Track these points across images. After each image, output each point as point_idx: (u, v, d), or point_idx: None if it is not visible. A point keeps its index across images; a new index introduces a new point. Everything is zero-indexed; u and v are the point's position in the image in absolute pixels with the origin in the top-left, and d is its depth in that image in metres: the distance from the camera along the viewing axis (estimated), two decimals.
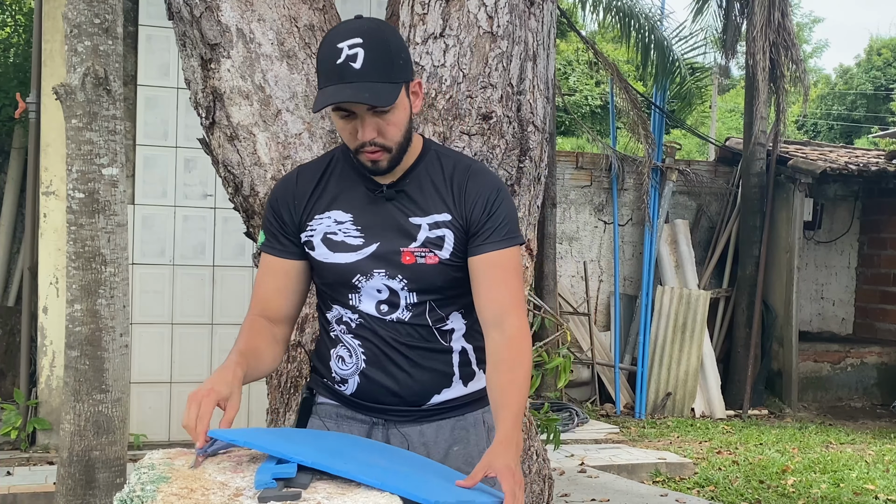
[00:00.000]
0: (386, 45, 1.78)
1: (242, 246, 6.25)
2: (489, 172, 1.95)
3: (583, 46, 14.35)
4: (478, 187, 1.87)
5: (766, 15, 8.25)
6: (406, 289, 1.86)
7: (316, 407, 2.00)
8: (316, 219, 1.91)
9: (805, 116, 24.03)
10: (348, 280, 1.88)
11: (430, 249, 1.85)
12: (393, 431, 1.93)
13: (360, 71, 1.73)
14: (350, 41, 1.74)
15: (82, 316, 3.45)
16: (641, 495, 5.61)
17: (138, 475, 1.59)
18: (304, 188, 1.93)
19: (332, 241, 1.88)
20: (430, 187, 1.88)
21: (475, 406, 1.97)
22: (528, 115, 2.46)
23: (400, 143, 1.82)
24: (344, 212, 1.89)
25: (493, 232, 1.85)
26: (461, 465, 1.90)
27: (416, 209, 1.87)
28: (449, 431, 1.93)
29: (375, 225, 1.87)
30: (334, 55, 1.75)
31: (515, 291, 1.86)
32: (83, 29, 3.40)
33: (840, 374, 9.52)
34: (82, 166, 3.43)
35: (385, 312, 1.88)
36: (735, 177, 9.42)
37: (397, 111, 1.79)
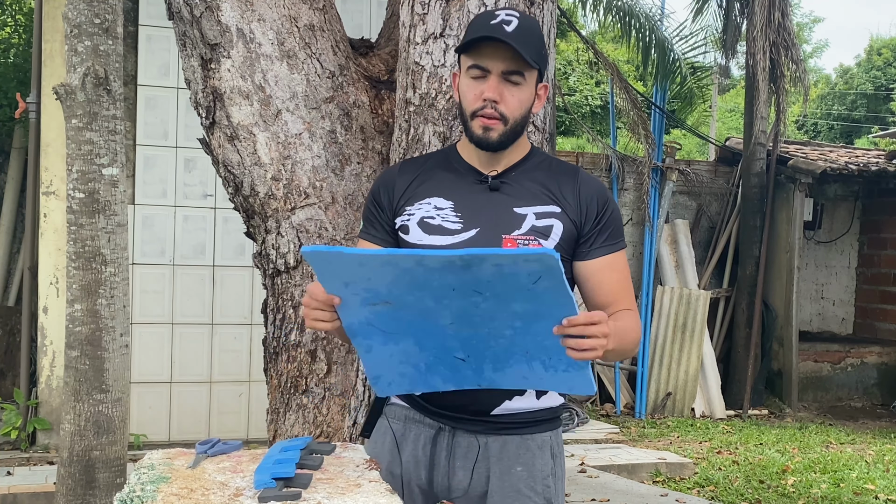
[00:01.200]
0: (537, 30, 1.88)
1: (242, 246, 6.25)
2: (596, 179, 1.98)
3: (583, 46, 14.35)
4: (590, 190, 1.90)
5: (766, 15, 8.25)
6: None
7: (386, 408, 1.99)
8: (416, 204, 1.91)
9: (805, 116, 24.04)
10: None
11: (534, 238, 1.84)
12: (458, 439, 1.90)
13: (511, 33, 1.80)
14: (508, 11, 1.85)
15: (82, 316, 3.46)
16: (641, 495, 5.61)
17: (138, 475, 1.59)
18: (407, 176, 1.96)
19: (429, 224, 1.88)
20: (536, 182, 1.90)
21: (545, 427, 1.93)
22: None
23: (516, 120, 1.86)
24: (445, 199, 1.90)
25: (608, 236, 1.88)
26: (522, 488, 1.88)
27: (522, 199, 1.87)
28: (514, 449, 1.89)
29: (477, 212, 1.87)
30: (490, 17, 1.84)
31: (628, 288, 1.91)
32: (83, 29, 3.40)
33: (840, 374, 9.52)
34: (82, 166, 3.43)
35: None
36: (735, 177, 9.42)
37: (525, 89, 1.85)
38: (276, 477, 1.50)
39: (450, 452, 1.90)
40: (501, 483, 1.88)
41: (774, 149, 8.91)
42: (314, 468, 1.60)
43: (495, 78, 1.82)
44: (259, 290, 5.37)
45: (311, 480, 1.53)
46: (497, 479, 1.88)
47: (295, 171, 2.45)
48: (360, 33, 3.27)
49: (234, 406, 6.37)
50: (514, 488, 1.88)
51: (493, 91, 1.82)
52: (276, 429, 2.56)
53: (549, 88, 1.96)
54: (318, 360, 2.46)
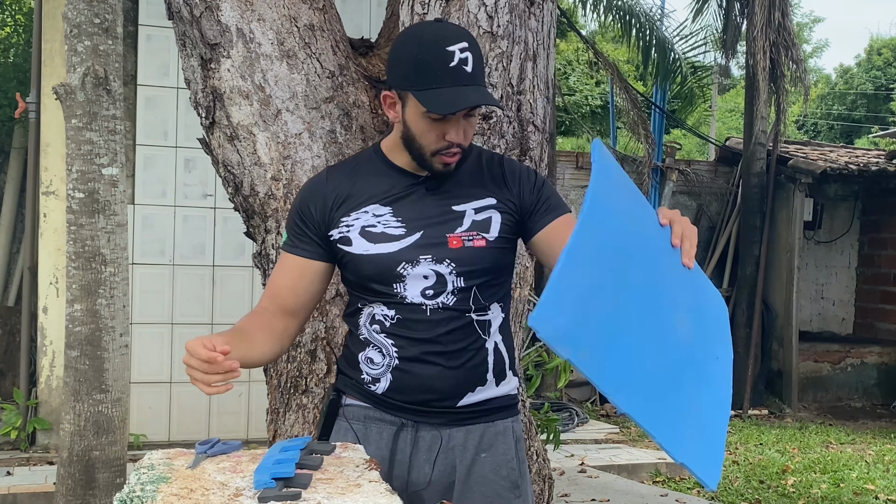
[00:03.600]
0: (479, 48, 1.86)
1: (242, 246, 6.25)
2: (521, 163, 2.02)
3: (583, 46, 14.35)
4: (515, 170, 1.95)
5: (766, 15, 8.25)
6: (454, 272, 1.86)
7: (343, 409, 1.99)
8: (352, 215, 1.90)
9: (805, 116, 24.03)
10: (392, 269, 1.86)
11: (477, 233, 1.87)
12: (422, 433, 1.92)
13: (472, 74, 1.79)
14: (459, 45, 1.80)
15: (82, 316, 3.46)
16: (641, 495, 5.61)
17: (138, 475, 1.59)
18: (336, 186, 1.93)
19: (372, 233, 1.88)
20: (468, 177, 1.92)
21: (505, 413, 1.97)
22: (528, 115, 2.46)
23: (471, 144, 1.91)
24: (381, 205, 1.89)
25: (550, 201, 1.91)
26: (488, 473, 1.92)
27: (458, 197, 1.89)
28: (478, 437, 1.93)
29: (417, 215, 1.88)
30: (446, 57, 1.78)
31: None
32: (83, 29, 3.40)
33: (840, 374, 9.52)
34: (82, 166, 3.43)
35: (430, 297, 1.86)
36: (735, 177, 9.42)
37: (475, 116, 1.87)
38: (275, 477, 1.50)
39: (413, 447, 1.92)
40: (468, 472, 1.92)
41: (774, 149, 8.91)
42: (314, 468, 1.59)
43: (460, 119, 1.82)
44: (259, 290, 5.37)
45: (311, 480, 1.53)
46: (464, 469, 1.91)
47: (295, 171, 2.45)
48: (360, 33, 3.27)
49: (234, 406, 6.36)
50: (479, 475, 1.92)
51: (459, 134, 1.83)
52: (276, 429, 2.56)
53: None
54: (318, 360, 2.46)
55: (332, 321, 2.44)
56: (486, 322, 1.91)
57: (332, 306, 2.45)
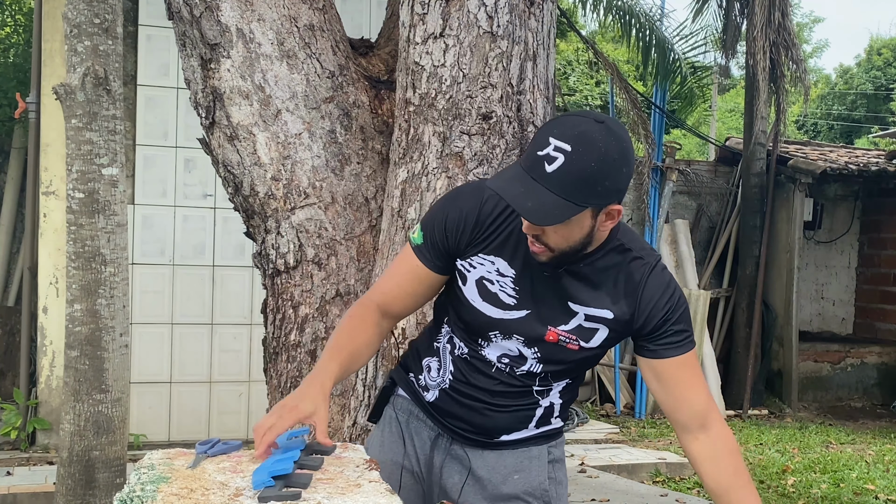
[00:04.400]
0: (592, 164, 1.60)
1: (242, 246, 6.25)
2: (666, 273, 1.83)
3: (583, 46, 14.35)
4: (655, 293, 1.80)
5: (766, 15, 8.25)
6: (537, 359, 1.85)
7: (394, 398, 2.02)
8: (480, 256, 1.82)
9: (805, 116, 24.03)
10: (485, 331, 1.85)
11: (576, 338, 1.82)
12: (455, 448, 1.94)
13: (549, 175, 1.60)
14: (560, 143, 1.60)
15: (82, 316, 3.46)
16: (641, 495, 5.61)
17: (138, 475, 1.59)
18: (485, 219, 1.81)
19: (486, 289, 1.82)
20: (600, 280, 1.79)
21: (542, 441, 1.97)
22: (528, 115, 2.46)
23: (565, 251, 1.71)
24: (509, 265, 1.80)
25: (676, 334, 1.81)
26: (521, 494, 1.92)
27: (579, 296, 1.80)
28: (511, 459, 1.94)
29: (534, 293, 1.81)
30: (540, 145, 1.63)
31: (708, 391, 1.88)
32: (83, 29, 3.40)
33: (840, 374, 9.52)
34: (82, 166, 3.43)
35: (505, 364, 1.86)
36: (735, 177, 9.42)
37: (569, 227, 1.67)
38: (274, 475, 1.50)
39: (446, 456, 1.95)
40: (497, 490, 1.92)
41: (774, 149, 8.91)
42: (314, 468, 1.60)
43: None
44: (259, 290, 5.36)
45: (312, 480, 1.53)
46: (493, 487, 1.92)
47: (295, 171, 2.45)
48: (360, 33, 3.27)
49: (234, 406, 6.36)
50: (512, 494, 1.92)
51: (528, 228, 1.69)
52: None
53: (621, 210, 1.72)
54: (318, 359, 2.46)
55: (332, 321, 2.44)
56: (545, 390, 1.91)
57: (332, 307, 2.45)
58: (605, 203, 1.67)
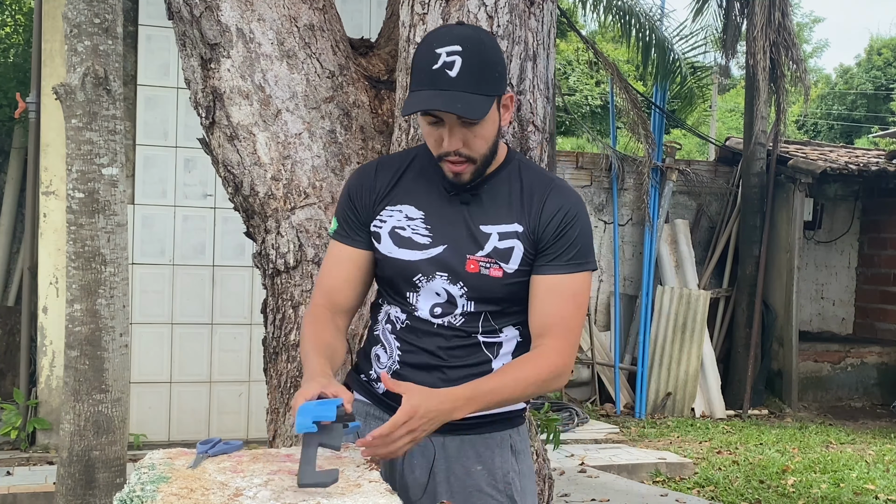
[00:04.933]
0: (484, 55, 1.75)
1: (242, 246, 6.25)
2: (572, 192, 1.89)
3: (583, 46, 14.35)
4: (557, 205, 1.83)
5: (766, 15, 8.25)
6: (465, 297, 1.84)
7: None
8: (387, 210, 1.89)
9: (805, 116, 24.03)
10: (409, 278, 1.85)
11: (495, 261, 1.82)
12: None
13: (455, 79, 1.71)
14: (449, 48, 1.72)
15: (82, 316, 3.46)
16: (641, 495, 5.61)
17: (138, 475, 1.59)
18: (383, 178, 1.91)
19: (400, 236, 1.86)
20: (506, 196, 1.85)
21: (503, 426, 1.93)
22: (528, 115, 2.46)
23: (485, 156, 1.81)
24: (416, 208, 1.87)
25: (561, 254, 1.82)
26: (483, 486, 1.88)
27: (489, 217, 1.84)
28: (473, 448, 1.89)
29: (445, 226, 1.85)
30: (431, 59, 1.73)
31: (568, 317, 1.82)
32: (83, 29, 3.40)
33: (840, 374, 9.52)
34: (82, 166, 3.43)
35: (438, 315, 1.85)
36: (735, 177, 9.42)
37: (486, 124, 1.77)
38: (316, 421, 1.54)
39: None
40: (463, 483, 1.88)
41: (774, 149, 8.91)
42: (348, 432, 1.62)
43: (453, 125, 1.75)
44: (259, 290, 5.36)
45: (342, 443, 1.58)
46: (457, 480, 1.88)
47: (295, 170, 2.45)
48: (360, 33, 3.27)
49: (234, 406, 6.36)
50: (475, 487, 1.88)
51: (455, 142, 1.76)
52: (276, 429, 2.56)
53: (513, 97, 1.87)
54: None
55: None
56: (495, 344, 1.87)
57: None
58: (502, 90, 1.80)
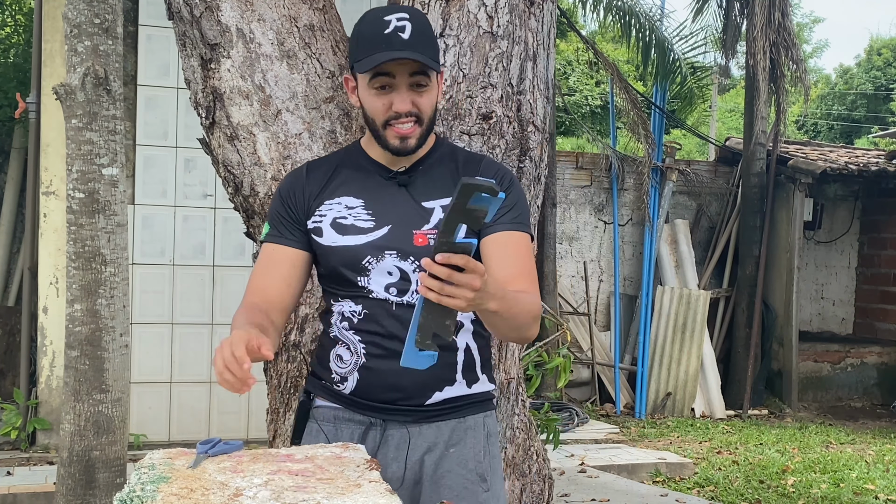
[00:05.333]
0: (428, 26, 1.87)
1: (242, 246, 6.25)
2: (502, 165, 2.00)
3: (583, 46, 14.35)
4: (492, 170, 1.91)
5: (766, 15, 8.25)
6: (418, 270, 1.83)
7: (313, 411, 1.98)
8: (325, 204, 1.91)
9: (805, 116, 24.04)
10: (357, 262, 1.86)
11: None
12: (390, 432, 1.89)
13: (408, 41, 1.79)
14: (398, 14, 1.82)
15: (82, 316, 3.46)
16: (641, 495, 5.61)
17: (138, 475, 1.59)
18: (314, 177, 1.96)
19: (342, 224, 1.88)
20: (442, 174, 1.91)
21: (477, 409, 1.95)
22: (528, 115, 2.46)
23: (431, 119, 1.87)
24: (355, 197, 1.91)
25: (506, 214, 1.85)
26: (454, 467, 1.89)
27: (429, 193, 1.88)
28: (448, 433, 1.91)
29: (387, 209, 1.88)
30: (382, 26, 1.81)
31: (527, 268, 1.86)
32: (83, 29, 3.40)
33: (840, 374, 9.52)
34: (82, 166, 3.43)
35: (395, 294, 1.86)
36: (735, 177, 9.42)
37: (431, 91, 1.85)
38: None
39: (381, 446, 1.89)
40: (435, 467, 1.89)
41: (774, 149, 8.91)
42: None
43: (404, 89, 1.82)
44: None
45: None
46: (431, 464, 1.88)
47: None
48: None
49: (234, 406, 6.36)
50: (446, 469, 1.89)
51: (406, 103, 1.82)
52: (276, 429, 2.56)
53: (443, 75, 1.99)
54: None
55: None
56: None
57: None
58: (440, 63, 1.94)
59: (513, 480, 2.55)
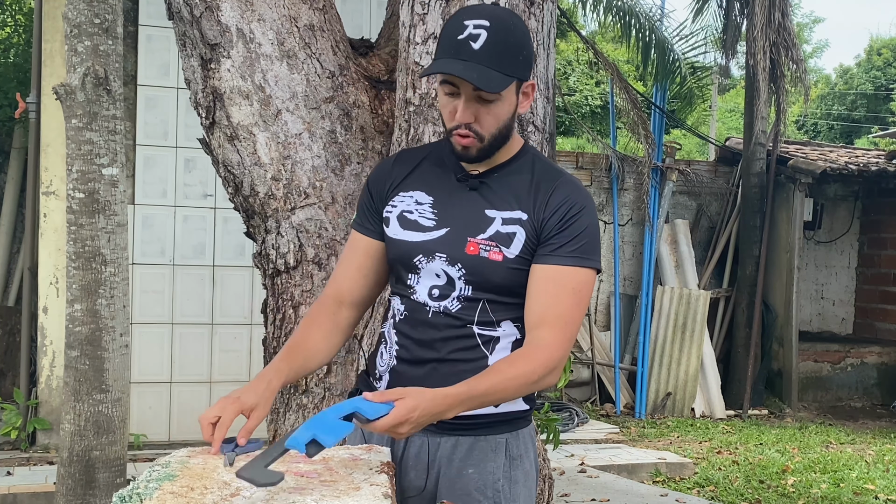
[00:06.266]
0: (510, 35, 1.76)
1: (242, 246, 6.25)
2: (582, 188, 1.88)
3: (583, 46, 14.35)
4: (564, 196, 1.82)
5: (766, 15, 8.25)
6: (463, 279, 1.81)
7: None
8: (399, 196, 1.90)
9: (805, 116, 24.04)
10: (410, 259, 1.85)
11: (496, 244, 1.80)
12: (412, 438, 1.85)
13: (478, 52, 1.72)
14: (477, 21, 1.74)
15: (82, 316, 3.46)
16: (641, 495, 5.61)
17: (149, 472, 1.60)
18: (399, 168, 1.94)
19: (407, 219, 1.87)
20: (515, 185, 1.84)
21: (501, 429, 1.87)
22: (528, 115, 2.46)
23: (494, 136, 1.80)
24: (427, 194, 1.88)
25: (564, 245, 1.78)
26: (472, 491, 1.83)
27: (495, 203, 1.83)
28: (466, 451, 1.85)
29: (452, 211, 1.85)
30: (457, 30, 1.75)
31: (566, 309, 1.78)
32: (83, 29, 3.40)
33: (840, 374, 9.52)
34: (82, 166, 3.43)
35: (436, 298, 1.82)
36: (735, 177, 9.42)
37: (501, 103, 1.78)
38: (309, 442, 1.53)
39: (404, 451, 1.87)
40: (452, 486, 1.84)
41: (774, 149, 8.91)
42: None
43: (466, 99, 1.75)
44: (259, 290, 5.37)
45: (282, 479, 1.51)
46: (448, 482, 1.84)
47: (295, 171, 2.45)
48: (360, 33, 3.27)
49: None
50: (464, 491, 1.83)
51: (466, 114, 1.76)
52: (276, 429, 2.56)
53: (535, 86, 1.89)
54: None
55: None
56: (491, 338, 1.83)
57: None
58: (526, 75, 1.81)
59: None
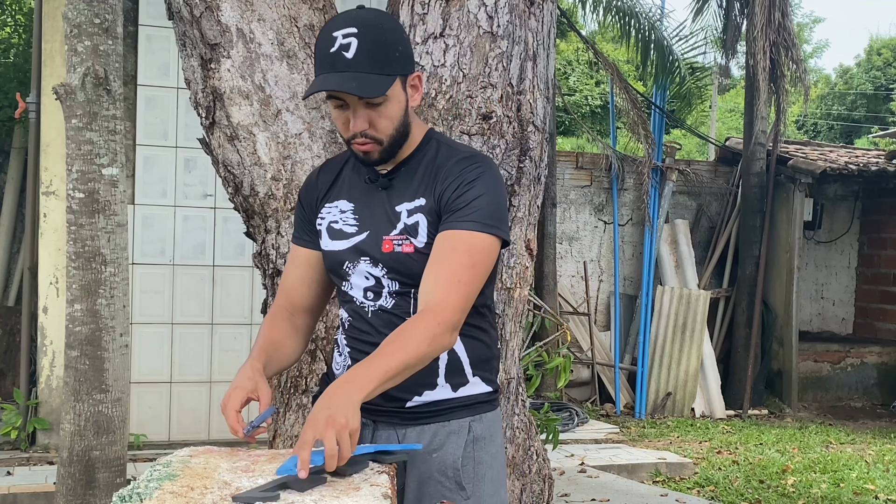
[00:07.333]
0: (381, 36, 1.75)
1: (242, 246, 6.25)
2: (483, 160, 1.84)
3: (583, 46, 14.35)
4: (459, 169, 1.80)
5: (766, 15, 8.25)
6: (386, 276, 1.85)
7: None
8: (326, 207, 1.94)
9: (805, 116, 24.04)
10: (340, 266, 1.90)
11: (406, 237, 1.82)
12: (379, 433, 1.87)
13: (352, 61, 1.72)
14: (345, 30, 1.74)
15: (82, 316, 3.46)
16: (641, 495, 5.61)
17: (151, 471, 1.60)
18: (324, 179, 1.98)
19: (333, 229, 1.91)
20: (418, 174, 1.85)
21: (463, 413, 1.87)
22: (528, 115, 2.46)
23: (392, 136, 1.80)
24: (348, 201, 1.92)
25: (459, 211, 1.77)
26: (434, 473, 1.84)
27: (402, 196, 1.85)
28: (430, 437, 1.85)
29: (369, 214, 1.88)
30: (328, 44, 1.75)
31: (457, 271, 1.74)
32: (83, 29, 3.40)
33: (840, 374, 9.52)
34: (82, 166, 3.43)
35: (371, 299, 1.87)
36: (735, 177, 9.42)
37: (391, 104, 1.77)
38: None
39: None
40: (418, 472, 1.84)
41: (774, 149, 8.91)
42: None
43: (357, 106, 1.75)
44: (259, 290, 5.37)
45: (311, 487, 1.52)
46: (413, 469, 1.84)
47: (295, 170, 2.45)
48: None
49: None
50: (426, 475, 1.84)
51: (358, 123, 1.77)
52: (276, 429, 2.56)
53: (422, 76, 1.86)
54: (318, 360, 2.47)
55: (332, 321, 2.44)
56: None
57: (331, 306, 2.45)
58: (408, 69, 1.81)
59: (513, 480, 2.55)
